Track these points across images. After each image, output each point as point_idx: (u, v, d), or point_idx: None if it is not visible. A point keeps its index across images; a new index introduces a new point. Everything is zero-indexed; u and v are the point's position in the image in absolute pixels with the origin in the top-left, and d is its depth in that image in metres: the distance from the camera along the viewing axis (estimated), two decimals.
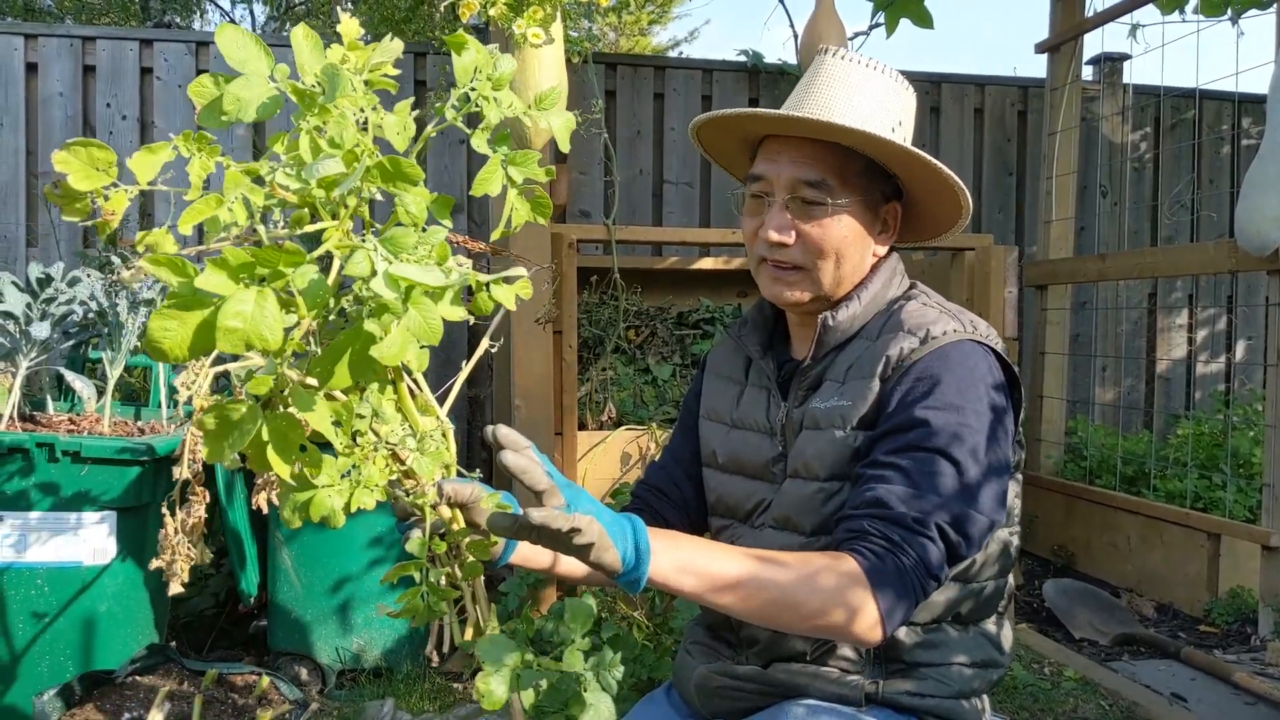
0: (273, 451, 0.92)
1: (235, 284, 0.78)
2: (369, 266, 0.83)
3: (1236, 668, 3.03)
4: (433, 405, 1.17)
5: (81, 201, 0.91)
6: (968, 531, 1.21)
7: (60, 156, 0.88)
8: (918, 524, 1.19)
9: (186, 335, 0.79)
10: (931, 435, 1.22)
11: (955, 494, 1.21)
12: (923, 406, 1.25)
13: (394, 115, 0.94)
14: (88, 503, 2.33)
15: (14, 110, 4.07)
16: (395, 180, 0.91)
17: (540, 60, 2.43)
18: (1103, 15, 4.18)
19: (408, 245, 0.86)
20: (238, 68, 0.91)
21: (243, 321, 0.78)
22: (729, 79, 4.63)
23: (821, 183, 1.34)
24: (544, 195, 1.11)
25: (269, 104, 0.91)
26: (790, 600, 1.14)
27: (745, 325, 1.53)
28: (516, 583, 2.91)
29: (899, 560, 1.17)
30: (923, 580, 1.19)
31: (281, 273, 0.81)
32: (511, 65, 1.05)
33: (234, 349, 0.79)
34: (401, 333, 0.85)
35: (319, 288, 0.82)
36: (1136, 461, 4.14)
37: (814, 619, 1.15)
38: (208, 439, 0.90)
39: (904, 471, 1.22)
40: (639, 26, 11.80)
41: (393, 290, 0.82)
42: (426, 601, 1.09)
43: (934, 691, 1.31)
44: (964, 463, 1.22)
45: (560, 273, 3.02)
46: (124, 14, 7.64)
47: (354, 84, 0.92)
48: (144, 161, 0.89)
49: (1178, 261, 3.75)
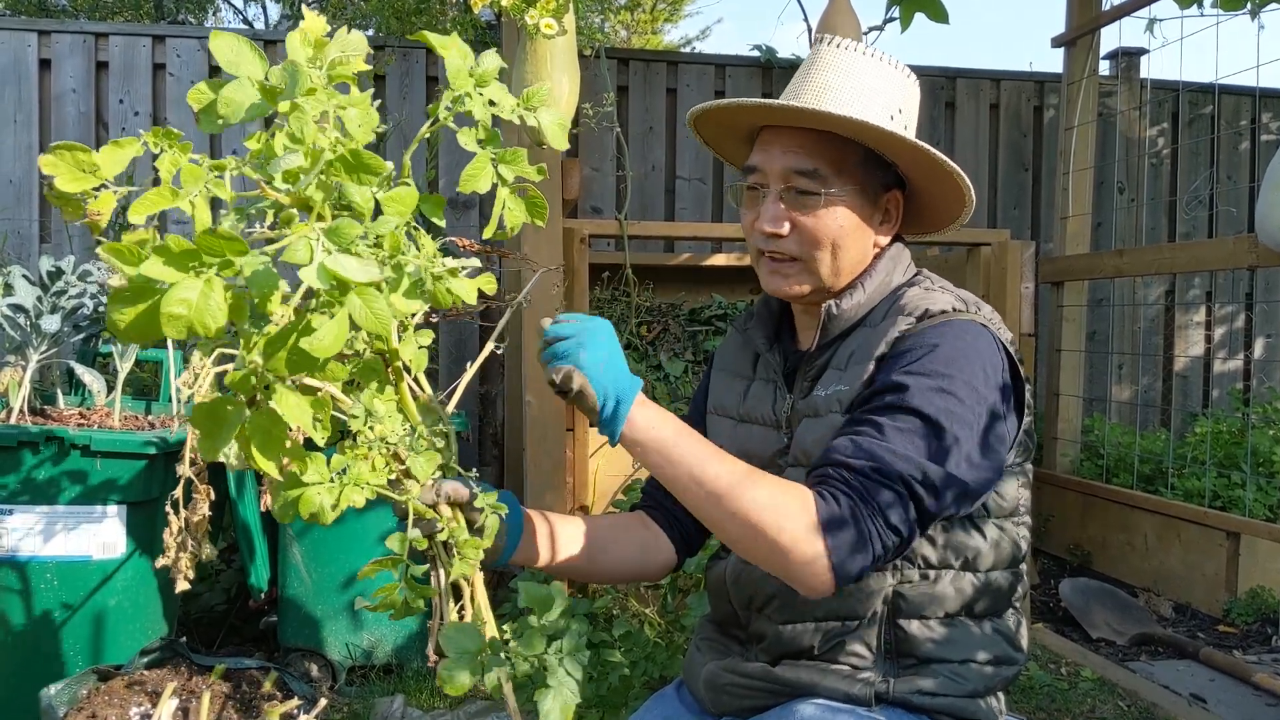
0: (256, 448, 0.93)
1: (182, 272, 0.79)
2: (308, 255, 0.82)
3: (1257, 668, 2.99)
4: (434, 406, 1.17)
5: (76, 202, 0.93)
6: (936, 486, 1.18)
7: (47, 160, 0.89)
8: (879, 473, 1.16)
9: (136, 320, 0.81)
10: (910, 395, 1.21)
11: (927, 451, 1.18)
12: (904, 370, 1.23)
13: (354, 108, 0.94)
14: (97, 496, 2.32)
15: (27, 107, 4.08)
16: (358, 172, 0.90)
17: (553, 52, 2.41)
18: (1119, 9, 4.14)
19: (351, 236, 0.85)
20: (231, 71, 0.93)
21: (186, 308, 0.79)
22: (742, 74, 4.60)
23: (814, 172, 1.32)
24: (538, 195, 1.11)
25: (258, 105, 0.93)
26: (747, 515, 1.15)
27: (751, 319, 1.51)
28: (528, 577, 2.90)
29: (857, 506, 1.15)
30: (880, 531, 1.16)
31: (230, 261, 0.81)
32: (496, 63, 1.06)
33: (178, 334, 0.80)
34: (337, 324, 0.84)
35: (267, 277, 0.82)
36: (1154, 460, 4.10)
37: (764, 544, 1.15)
38: (201, 437, 0.92)
39: (877, 425, 1.20)
40: (651, 25, 11.77)
41: (323, 281, 0.82)
42: (404, 597, 1.09)
43: (948, 690, 1.28)
44: (942, 425, 1.19)
45: (572, 268, 3.00)
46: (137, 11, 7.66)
47: (313, 78, 0.92)
48: (111, 156, 0.91)
49: (1196, 257, 3.70)
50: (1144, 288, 4.87)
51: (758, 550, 1.17)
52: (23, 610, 2.32)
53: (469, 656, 1.07)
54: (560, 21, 2.24)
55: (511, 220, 1.09)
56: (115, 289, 0.82)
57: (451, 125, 1.05)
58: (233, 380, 0.90)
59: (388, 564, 1.11)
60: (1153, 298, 4.92)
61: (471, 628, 1.10)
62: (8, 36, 4.07)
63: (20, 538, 2.29)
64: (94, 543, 2.33)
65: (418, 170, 4.27)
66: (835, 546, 1.13)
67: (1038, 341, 4.52)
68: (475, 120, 1.05)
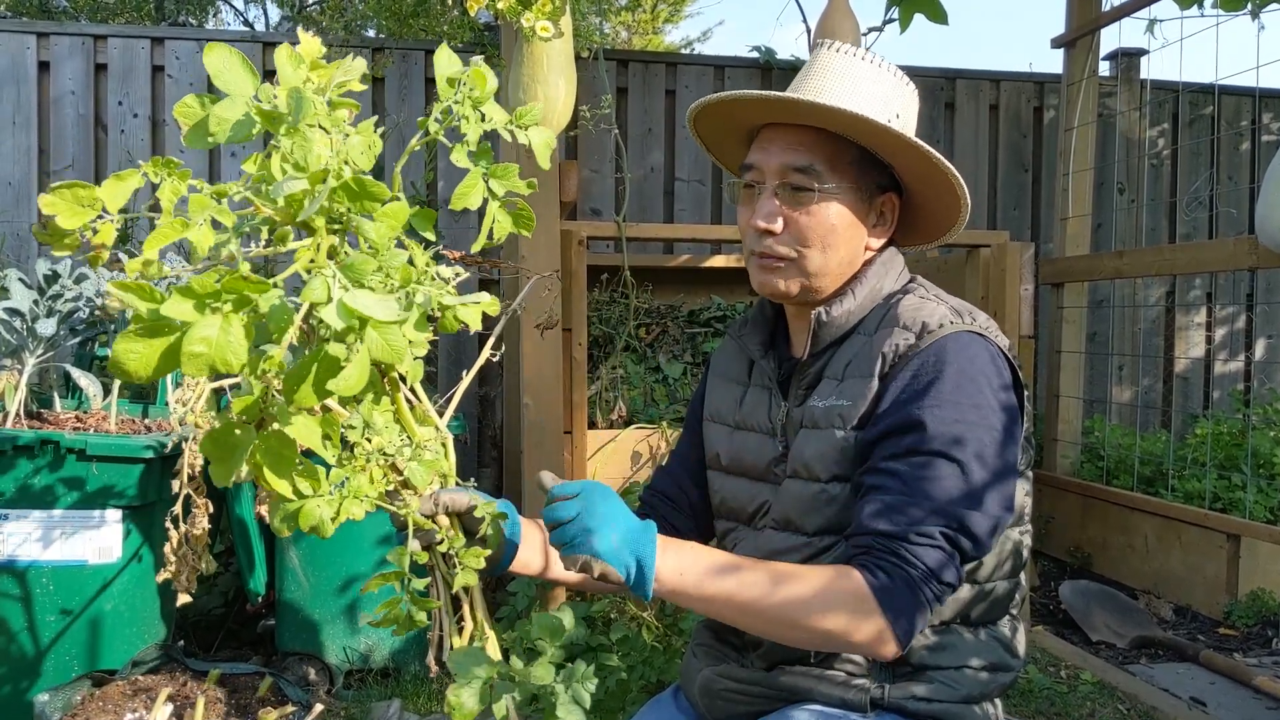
0: (269, 471, 0.93)
1: (200, 312, 0.80)
2: (325, 293, 0.82)
3: (1257, 671, 2.98)
4: (431, 415, 1.17)
5: (70, 237, 0.92)
6: (974, 533, 1.19)
7: (47, 200, 0.89)
8: (921, 535, 1.17)
9: (152, 358, 0.81)
10: (929, 437, 1.20)
11: (958, 496, 1.19)
12: (919, 406, 1.22)
13: (359, 135, 0.94)
14: (94, 501, 2.32)
15: (26, 109, 4.08)
16: (362, 199, 0.90)
17: (549, 54, 2.41)
18: (1119, 10, 4.13)
19: (366, 272, 0.85)
20: (223, 88, 0.92)
21: (208, 346, 0.79)
22: (741, 75, 4.60)
23: (809, 168, 1.33)
24: (526, 207, 1.11)
25: (242, 123, 0.92)
26: (799, 620, 1.15)
27: (746, 325, 1.51)
28: (525, 583, 2.89)
29: (906, 573, 1.16)
30: (934, 589, 1.17)
31: (248, 299, 0.82)
32: (493, 83, 1.06)
33: (199, 373, 0.80)
34: (359, 363, 0.85)
35: (284, 312, 0.82)
36: (1154, 461, 4.09)
37: (824, 637, 1.16)
38: (213, 465, 0.92)
39: (902, 479, 1.20)
40: (652, 25, 11.76)
41: (344, 320, 0.82)
42: (408, 610, 1.08)
43: (943, 696, 1.28)
44: (965, 462, 1.20)
45: (570, 271, 3.00)
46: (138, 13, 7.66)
47: (317, 105, 0.92)
48: (113, 189, 0.90)
49: (1196, 258, 3.69)
50: (1144, 289, 4.86)
51: (826, 646, 1.21)
52: (20, 616, 2.31)
53: (478, 683, 1.07)
54: (557, 24, 2.24)
55: (499, 232, 1.10)
56: (122, 333, 0.81)
57: (445, 140, 1.05)
58: (240, 407, 0.90)
59: (391, 578, 1.11)
60: (1153, 299, 4.91)
61: (479, 651, 1.10)
62: (6, 39, 4.07)
63: (18, 543, 2.29)
64: (91, 547, 2.33)
65: (415, 176, 4.27)
66: (895, 619, 1.15)
67: (1038, 343, 4.51)
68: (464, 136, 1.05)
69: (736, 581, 1.17)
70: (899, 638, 1.16)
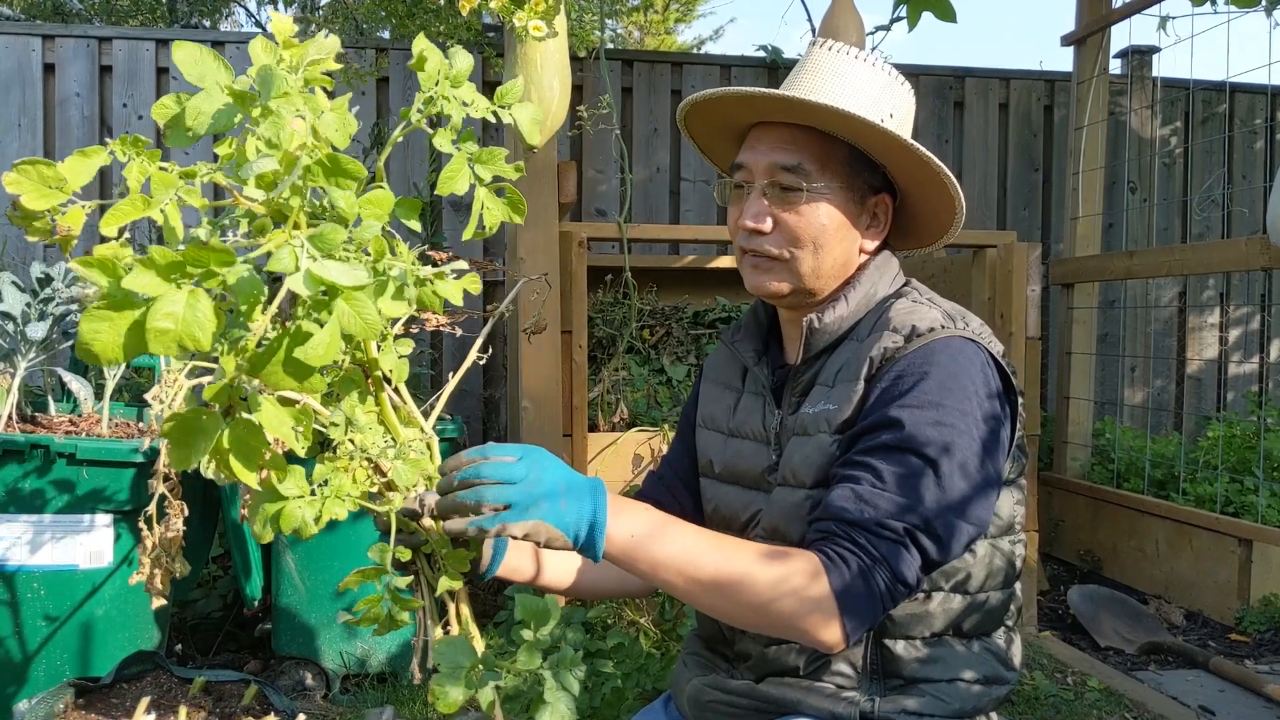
0: (234, 459, 0.90)
1: (165, 284, 0.76)
2: (294, 263, 0.79)
3: (1269, 679, 2.93)
4: (416, 416, 1.14)
5: (41, 220, 0.90)
6: (939, 535, 1.15)
7: (10, 178, 0.86)
8: (885, 529, 1.14)
9: (118, 337, 0.77)
10: (906, 435, 1.17)
11: (928, 497, 1.15)
12: (899, 405, 1.19)
13: (333, 113, 0.91)
14: (84, 505, 2.30)
15: (32, 111, 4.08)
16: (336, 177, 0.87)
17: (543, 54, 2.38)
18: (1130, 7, 4.08)
19: (336, 243, 0.82)
20: (197, 83, 0.90)
21: (174, 322, 0.76)
22: (748, 75, 4.57)
23: (798, 167, 1.30)
24: (516, 193, 1.08)
25: (223, 112, 0.90)
26: (745, 597, 1.12)
27: (739, 331, 1.48)
28: (522, 589, 2.86)
29: (863, 562, 1.13)
30: (890, 587, 1.13)
31: (214, 272, 0.78)
32: (468, 63, 1.03)
33: (167, 351, 0.77)
34: (329, 331, 0.81)
35: (252, 285, 0.79)
36: (1166, 464, 4.03)
37: (769, 617, 1.12)
38: (173, 447, 0.89)
39: (876, 472, 1.17)
40: (664, 25, 11.76)
41: (310, 288, 0.78)
42: (388, 610, 1.06)
43: (934, 710, 1.25)
44: (940, 464, 1.16)
45: (570, 272, 2.97)
46: (151, 15, 7.68)
47: (289, 82, 0.89)
48: (77, 167, 0.87)
49: (1209, 259, 3.63)
50: (1157, 289, 4.80)
51: (772, 629, 1.15)
52: (9, 621, 2.30)
53: (461, 671, 1.04)
54: (550, 24, 2.21)
55: (490, 219, 1.07)
56: (85, 313, 0.78)
57: (426, 129, 1.03)
58: (210, 393, 0.87)
59: (370, 574, 1.08)
60: (1166, 299, 4.85)
61: (463, 641, 1.07)
62: (12, 41, 4.08)
63: (7, 547, 2.27)
64: (81, 552, 2.31)
65: (401, 173, 4.25)
66: (849, 610, 1.11)
67: (1047, 344, 4.47)
68: (448, 120, 1.03)
69: (689, 548, 1.12)
70: (845, 630, 1.12)
